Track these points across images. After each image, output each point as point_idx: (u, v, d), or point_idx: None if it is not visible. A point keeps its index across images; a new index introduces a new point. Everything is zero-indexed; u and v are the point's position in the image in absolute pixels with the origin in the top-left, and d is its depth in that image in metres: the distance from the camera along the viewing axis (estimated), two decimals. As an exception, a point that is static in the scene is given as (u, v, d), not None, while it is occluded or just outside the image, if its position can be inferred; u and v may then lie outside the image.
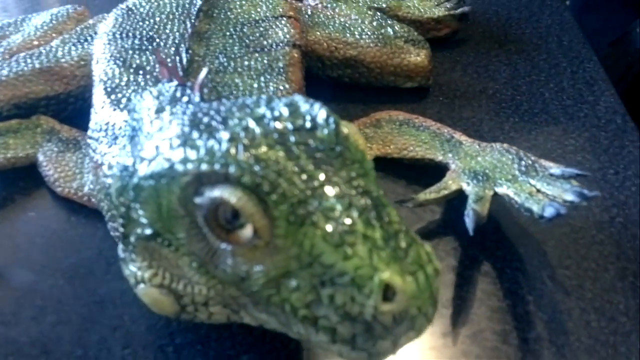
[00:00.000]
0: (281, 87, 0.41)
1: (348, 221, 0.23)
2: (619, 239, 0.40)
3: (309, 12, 0.53)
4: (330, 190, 0.23)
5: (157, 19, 0.46)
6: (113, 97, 0.39)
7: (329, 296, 0.23)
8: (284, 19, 0.48)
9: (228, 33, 0.46)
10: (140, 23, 0.46)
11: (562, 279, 0.37)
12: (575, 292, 0.36)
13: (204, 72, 0.31)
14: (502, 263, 0.38)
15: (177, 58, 0.40)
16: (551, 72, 0.56)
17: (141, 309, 0.34)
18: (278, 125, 0.25)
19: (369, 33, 0.52)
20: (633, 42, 0.74)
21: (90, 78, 0.46)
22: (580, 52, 0.59)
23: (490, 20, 0.64)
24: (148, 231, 0.26)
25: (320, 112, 0.26)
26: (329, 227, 0.23)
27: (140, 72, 0.41)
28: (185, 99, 0.31)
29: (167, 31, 0.45)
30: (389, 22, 0.53)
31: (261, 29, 0.47)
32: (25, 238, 0.39)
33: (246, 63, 0.43)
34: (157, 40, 0.44)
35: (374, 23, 0.53)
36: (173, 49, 0.43)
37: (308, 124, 0.25)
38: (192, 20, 0.45)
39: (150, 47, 0.44)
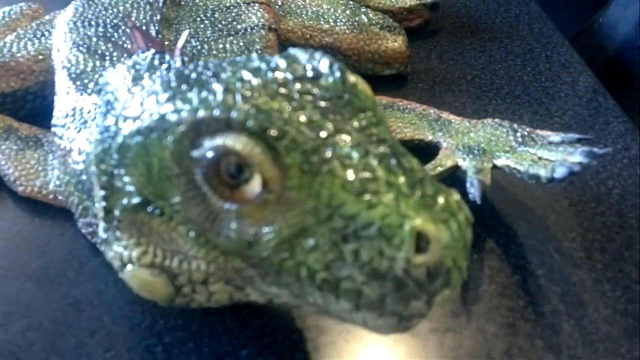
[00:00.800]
0: None
1: (368, 168, 0.20)
2: (620, 209, 0.38)
3: (279, 2, 0.51)
4: (343, 139, 0.21)
5: (121, 7, 0.43)
6: (79, 82, 0.36)
7: (352, 252, 0.20)
8: (256, 4, 0.46)
9: (198, 19, 0.43)
10: (104, 12, 0.43)
11: (569, 252, 0.35)
12: (585, 264, 0.34)
13: (184, 35, 0.29)
14: (506, 239, 0.36)
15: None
16: (526, 57, 0.55)
17: (122, 309, 0.31)
18: (277, 75, 0.22)
19: (343, 20, 0.50)
20: (594, 35, 0.74)
21: (49, 74, 0.43)
22: (552, 38, 0.59)
23: (460, 11, 0.63)
24: (135, 200, 0.23)
25: (323, 61, 0.23)
26: (348, 175, 0.20)
27: (107, 58, 0.38)
28: (164, 66, 0.28)
29: (133, 19, 0.42)
30: (363, 9, 0.52)
31: (233, 14, 0.44)
32: (-16, 242, 0.35)
33: (221, 46, 0.40)
34: (123, 27, 0.41)
35: (347, 11, 0.51)
36: None
37: (310, 73, 0.23)
38: (160, 7, 0.42)
39: (115, 34, 0.41)
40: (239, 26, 0.43)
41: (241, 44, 0.41)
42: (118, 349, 0.29)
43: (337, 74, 0.23)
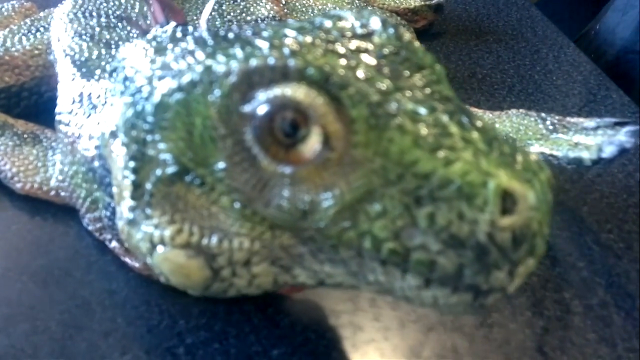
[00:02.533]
0: None
1: (439, 124, 0.18)
2: (652, 201, 0.37)
3: (283, 1, 0.50)
4: (406, 95, 0.19)
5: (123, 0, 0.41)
6: (84, 69, 0.34)
7: (427, 216, 0.17)
8: (264, -2, 0.44)
9: (212, 11, 0.41)
10: (105, 4, 0.41)
11: (608, 243, 0.33)
12: (626, 255, 0.33)
13: (209, 5, 0.26)
14: (541, 231, 0.34)
15: None
16: (534, 58, 0.54)
17: (137, 309, 0.28)
18: (325, 32, 0.20)
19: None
20: (592, 42, 0.74)
21: (46, 69, 0.41)
22: (557, 40, 0.58)
23: (461, 15, 0.62)
24: (172, 169, 0.20)
25: (373, 19, 0.21)
26: (420, 129, 0.18)
27: (113, 46, 0.36)
28: (189, 38, 0.25)
29: (137, 11, 0.40)
30: (369, 8, 0.51)
31: (241, 6, 0.42)
32: (-21, 242, 0.32)
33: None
34: (127, 18, 0.39)
35: (354, 10, 0.50)
36: None
37: (361, 30, 0.21)
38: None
39: (120, 24, 0.38)
40: (248, 18, 0.41)
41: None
42: (135, 352, 0.26)
43: (391, 30, 0.21)
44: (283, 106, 0.18)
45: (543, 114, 0.36)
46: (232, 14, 0.41)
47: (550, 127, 0.34)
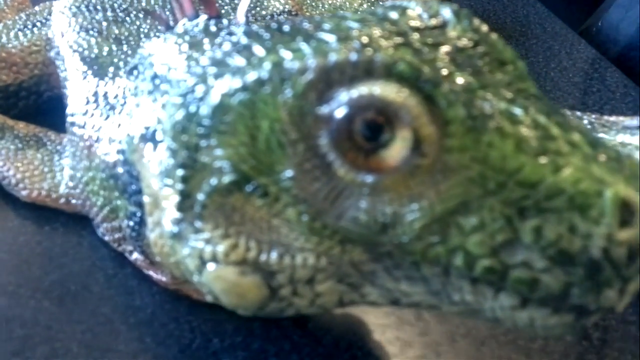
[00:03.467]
0: None
1: (538, 125, 0.16)
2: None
3: (294, -5, 0.47)
4: (494, 93, 0.17)
5: None
6: (96, 67, 0.31)
7: (533, 230, 0.16)
8: (277, -8, 0.42)
9: (217, 4, 0.39)
10: None
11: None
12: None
13: (247, -2, 0.24)
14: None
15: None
16: (547, 54, 0.53)
17: (166, 327, 0.26)
18: (391, 25, 0.18)
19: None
20: (594, 39, 0.74)
21: (46, 66, 0.38)
22: (567, 37, 0.57)
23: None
24: (230, 178, 0.18)
25: (445, 9, 0.19)
26: (522, 132, 0.16)
27: (123, 42, 0.33)
28: (225, 32, 0.23)
29: (144, 4, 0.38)
30: (381, 3, 0.49)
31: (254, 0, 0.40)
32: (-16, 255, 0.29)
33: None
34: (135, 12, 0.37)
35: (365, 5, 0.48)
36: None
37: (432, 22, 0.19)
38: None
39: (127, 18, 0.36)
40: (263, 12, 0.39)
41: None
42: (168, 375, 0.24)
43: (466, 21, 0.19)
44: (368, 107, 0.16)
45: (578, 112, 0.34)
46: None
47: (589, 127, 0.33)
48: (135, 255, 0.27)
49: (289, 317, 0.26)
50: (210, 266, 0.19)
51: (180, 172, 0.19)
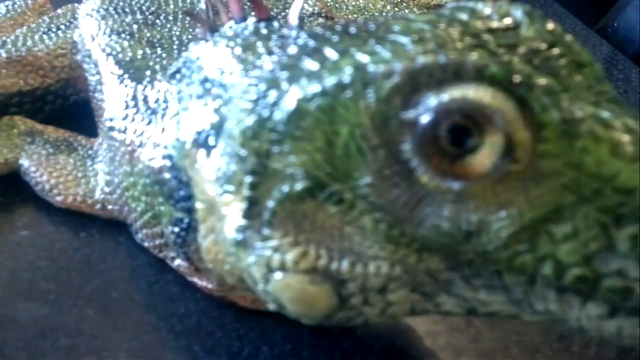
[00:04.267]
0: None
1: (630, 129, 0.16)
2: None
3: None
4: (577, 96, 0.17)
5: None
6: (132, 70, 0.31)
7: (630, 238, 0.15)
8: (304, -7, 0.41)
9: (245, 7, 0.38)
10: (135, 0, 0.38)
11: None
12: None
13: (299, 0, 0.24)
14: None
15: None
16: (570, 55, 0.53)
17: (213, 336, 0.25)
18: (462, 27, 0.18)
19: (390, 14, 0.46)
20: (609, 40, 0.73)
21: (72, 70, 0.37)
22: (589, 38, 0.57)
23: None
24: (303, 184, 0.17)
25: (516, 10, 0.19)
26: (616, 136, 0.16)
27: (157, 45, 0.33)
28: (276, 35, 0.23)
29: (172, 6, 0.37)
30: (403, 4, 0.48)
31: (283, 1, 0.40)
32: (23, 263, 0.28)
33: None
34: (164, 15, 0.36)
35: (388, 6, 0.48)
36: (185, 22, 0.35)
37: (504, 22, 0.18)
38: None
39: (157, 21, 0.35)
40: (294, 13, 0.39)
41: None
42: (220, 385, 0.24)
43: (540, 22, 0.18)
44: (457, 111, 0.16)
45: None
46: (274, 10, 0.38)
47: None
48: (178, 262, 0.27)
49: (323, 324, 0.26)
50: (278, 274, 0.18)
51: (248, 179, 0.18)
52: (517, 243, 0.16)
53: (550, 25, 0.19)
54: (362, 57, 0.17)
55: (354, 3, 0.47)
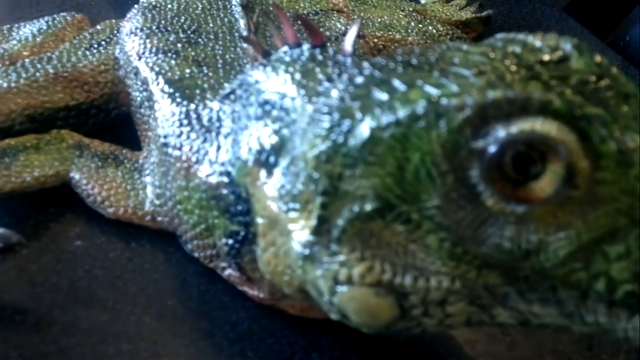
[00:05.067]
0: None
1: None
2: None
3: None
4: (625, 127, 0.18)
5: (193, 15, 0.40)
6: (182, 89, 0.32)
7: None
8: (335, 12, 0.43)
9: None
10: (177, 19, 0.39)
11: None
12: None
13: (355, 26, 0.25)
14: None
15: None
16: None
17: (265, 342, 0.27)
18: (516, 59, 0.20)
19: (415, 31, 0.48)
20: (622, 53, 0.75)
21: (115, 85, 0.39)
22: (604, 51, 0.58)
23: (502, 28, 0.62)
24: (372, 205, 0.19)
25: (565, 43, 0.20)
26: None
27: (202, 64, 0.34)
28: (331, 61, 0.24)
29: (211, 25, 0.39)
30: (427, 21, 0.50)
31: (315, 21, 0.41)
32: (80, 272, 0.30)
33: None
34: (205, 34, 0.38)
35: (413, 22, 0.49)
36: (226, 41, 0.37)
37: (554, 55, 0.20)
38: (235, 15, 0.39)
39: (200, 40, 0.37)
40: (327, 33, 0.40)
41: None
42: (275, 389, 0.25)
43: (588, 54, 0.20)
44: (523, 142, 0.17)
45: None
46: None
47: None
48: (229, 272, 0.28)
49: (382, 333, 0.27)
50: (344, 287, 0.20)
51: (320, 199, 0.20)
52: (573, 261, 0.18)
53: (598, 58, 0.20)
54: (432, 90, 0.19)
55: (379, 20, 0.49)
